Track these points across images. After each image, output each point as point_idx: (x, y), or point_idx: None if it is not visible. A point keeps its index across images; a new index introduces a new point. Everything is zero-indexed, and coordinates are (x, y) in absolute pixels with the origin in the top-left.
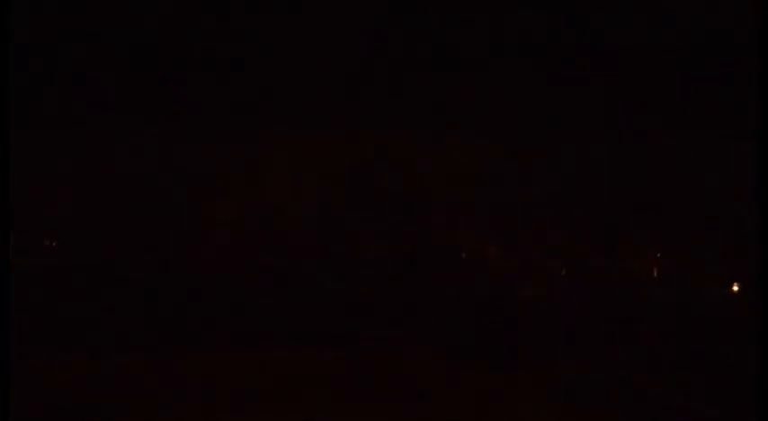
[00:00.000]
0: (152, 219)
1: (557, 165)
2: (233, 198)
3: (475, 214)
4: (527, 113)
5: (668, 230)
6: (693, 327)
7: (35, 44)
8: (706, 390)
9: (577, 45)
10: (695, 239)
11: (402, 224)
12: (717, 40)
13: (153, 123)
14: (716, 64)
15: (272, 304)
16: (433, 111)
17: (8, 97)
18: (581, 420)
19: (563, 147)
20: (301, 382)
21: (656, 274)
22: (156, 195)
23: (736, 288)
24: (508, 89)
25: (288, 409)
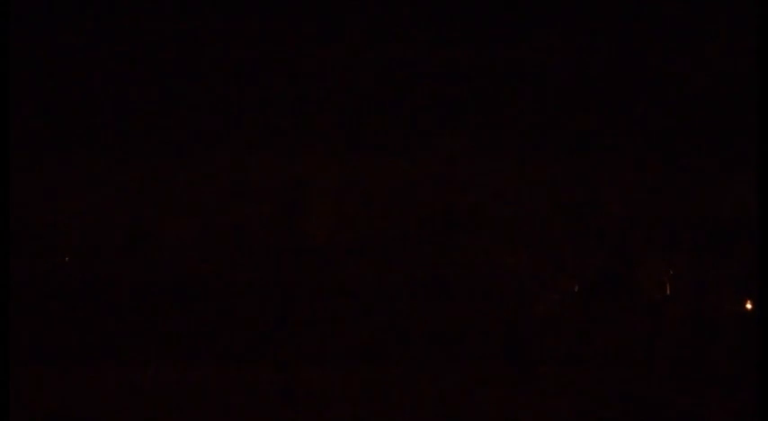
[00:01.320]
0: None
1: (567, 180)
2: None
3: (489, 229)
4: (537, 129)
5: (678, 244)
6: (703, 339)
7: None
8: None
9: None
10: (705, 252)
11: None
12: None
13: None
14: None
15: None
16: (436, 119)
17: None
18: None
19: (574, 163)
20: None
21: (666, 287)
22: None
23: (749, 306)
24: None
25: None
